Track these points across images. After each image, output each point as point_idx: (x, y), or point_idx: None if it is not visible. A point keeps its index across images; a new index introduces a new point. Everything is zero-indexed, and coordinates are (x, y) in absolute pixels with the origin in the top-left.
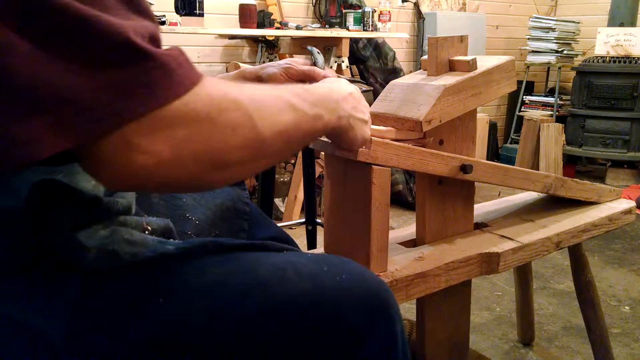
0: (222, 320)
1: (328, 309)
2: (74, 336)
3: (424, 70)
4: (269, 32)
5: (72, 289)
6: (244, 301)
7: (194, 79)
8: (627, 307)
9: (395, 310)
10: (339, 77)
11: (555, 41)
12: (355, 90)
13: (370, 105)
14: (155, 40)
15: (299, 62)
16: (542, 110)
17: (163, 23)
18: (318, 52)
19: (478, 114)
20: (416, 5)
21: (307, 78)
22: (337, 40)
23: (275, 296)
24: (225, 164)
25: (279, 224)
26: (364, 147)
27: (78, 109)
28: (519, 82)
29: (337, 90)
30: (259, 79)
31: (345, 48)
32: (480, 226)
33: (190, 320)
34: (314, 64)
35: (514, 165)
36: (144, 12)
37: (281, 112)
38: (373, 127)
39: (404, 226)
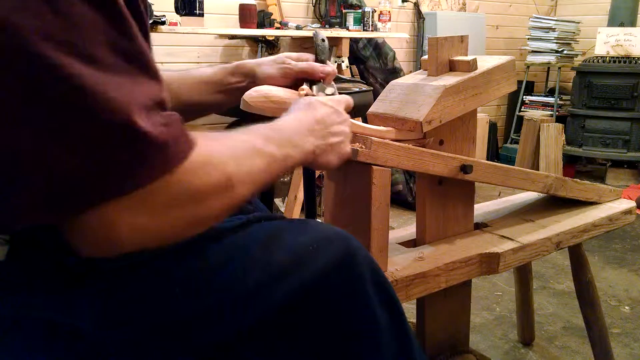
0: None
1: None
2: (104, 328)
3: (424, 70)
4: (269, 32)
5: (99, 287)
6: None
7: (185, 153)
8: (627, 307)
9: (359, 256)
10: (322, 71)
11: (555, 41)
12: (326, 113)
13: (370, 105)
14: (160, 104)
15: (292, 56)
16: (542, 110)
17: (163, 23)
18: (323, 40)
19: (478, 114)
20: (416, 5)
21: (304, 75)
22: (337, 40)
23: (266, 271)
24: (203, 225)
25: None
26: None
27: (64, 186)
28: (519, 82)
29: (305, 121)
30: (254, 76)
31: (345, 48)
32: (480, 226)
33: (205, 302)
34: (317, 52)
35: (514, 165)
36: (151, 72)
37: (254, 163)
38: (373, 127)
39: (404, 226)
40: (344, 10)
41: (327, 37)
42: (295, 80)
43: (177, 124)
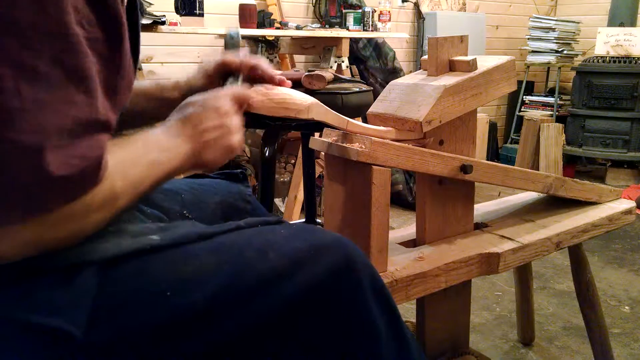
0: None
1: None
2: (93, 329)
3: (424, 70)
4: (269, 32)
5: (88, 285)
6: (243, 278)
7: (89, 185)
8: (627, 307)
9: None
10: (236, 62)
11: (555, 41)
12: (193, 112)
13: (370, 105)
14: (90, 126)
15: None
16: (542, 110)
17: (163, 23)
18: (232, 37)
19: (478, 114)
20: (416, 5)
21: (223, 70)
22: (337, 40)
23: (262, 276)
24: (84, 234)
25: None
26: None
27: None
28: (519, 82)
29: (174, 126)
30: (188, 89)
31: (345, 48)
32: (480, 226)
33: (196, 305)
34: (227, 47)
35: (514, 165)
36: (90, 88)
37: (141, 173)
38: (373, 127)
39: (404, 226)
40: (344, 10)
41: (327, 37)
42: (219, 75)
43: (95, 154)
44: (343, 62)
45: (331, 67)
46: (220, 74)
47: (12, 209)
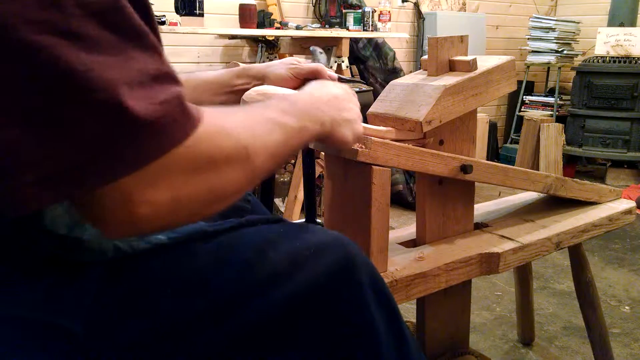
0: (222, 302)
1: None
2: (95, 328)
3: (424, 70)
4: (269, 32)
5: (90, 284)
6: (243, 278)
7: (189, 128)
8: (627, 307)
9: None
10: (330, 76)
11: (555, 41)
12: (339, 91)
13: (370, 105)
14: (159, 78)
15: (302, 60)
16: (542, 110)
17: (163, 23)
18: (321, 52)
19: (478, 114)
20: (416, 5)
21: (313, 76)
22: (337, 40)
23: (262, 275)
24: (224, 198)
25: None
26: (358, 144)
27: (61, 168)
28: (519, 82)
29: (318, 96)
30: (264, 78)
31: (345, 48)
32: (480, 226)
33: (198, 305)
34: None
35: (514, 165)
36: (145, 44)
37: (271, 134)
38: (373, 127)
39: (404, 226)
40: (344, 10)
41: (327, 37)
42: (304, 82)
43: (176, 99)
44: (343, 62)
45: (331, 67)
46: (307, 80)
47: (116, 163)
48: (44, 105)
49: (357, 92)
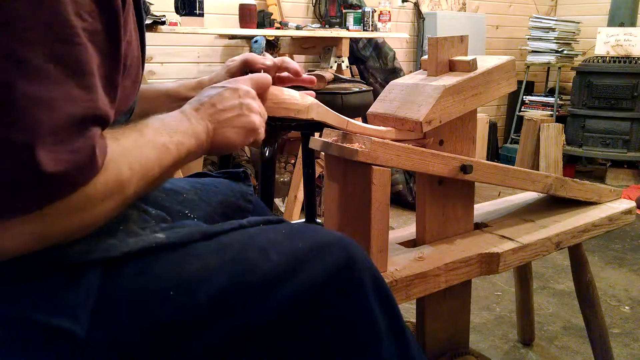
0: (223, 302)
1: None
2: (96, 327)
3: (424, 70)
4: (269, 32)
5: (91, 284)
6: (245, 278)
7: (90, 177)
8: (627, 307)
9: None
10: (262, 63)
11: (555, 41)
12: (214, 92)
13: (370, 105)
14: (84, 123)
15: (237, 58)
16: (542, 110)
17: (163, 23)
18: (255, 41)
19: (478, 114)
20: (416, 5)
21: (246, 68)
22: (337, 40)
23: (264, 275)
24: (92, 227)
25: None
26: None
27: None
28: (519, 82)
29: (188, 108)
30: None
31: (345, 48)
32: (480, 226)
33: (199, 305)
34: (252, 51)
35: (514, 165)
36: (88, 83)
37: (147, 157)
38: (373, 127)
39: (404, 226)
40: (344, 10)
41: (327, 37)
42: (242, 73)
43: (87, 147)
44: (343, 62)
45: (331, 67)
46: (244, 72)
47: (6, 205)
48: None
49: (357, 92)
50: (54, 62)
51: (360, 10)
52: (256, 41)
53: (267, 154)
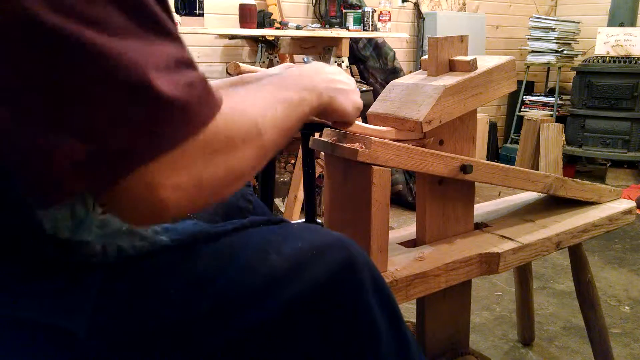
0: (224, 303)
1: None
2: (97, 329)
3: (424, 70)
4: (269, 32)
5: (92, 286)
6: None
7: (213, 110)
8: (627, 307)
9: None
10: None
11: (555, 41)
12: (328, 66)
13: (370, 105)
14: (181, 64)
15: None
16: (542, 110)
17: None
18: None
19: (478, 114)
20: (416, 5)
21: None
22: (337, 40)
23: (264, 277)
24: (241, 176)
25: None
26: (358, 118)
27: (95, 153)
28: (519, 82)
29: (308, 70)
30: None
31: (345, 48)
32: (480, 226)
33: (200, 307)
34: None
35: (514, 165)
36: (166, 33)
37: (275, 109)
38: (373, 127)
39: (404, 226)
40: (344, 10)
41: (327, 37)
42: None
43: (201, 83)
44: (343, 62)
45: None
46: None
47: (145, 145)
48: (75, 90)
49: None
50: (131, 17)
51: (360, 10)
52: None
53: None
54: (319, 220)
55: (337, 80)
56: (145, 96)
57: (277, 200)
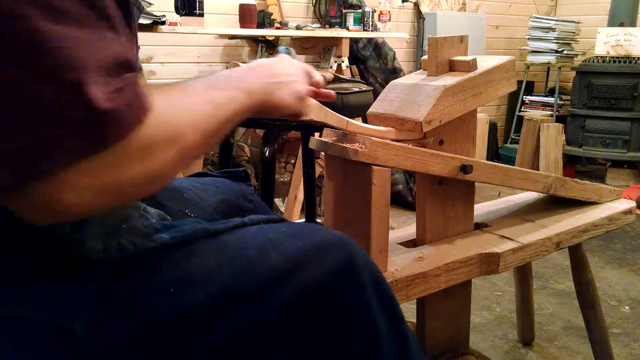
0: (224, 302)
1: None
2: (97, 327)
3: (424, 70)
4: (269, 32)
5: (92, 284)
6: (245, 278)
7: (138, 117)
8: (627, 307)
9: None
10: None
11: (555, 41)
12: (269, 60)
13: (370, 105)
14: (123, 64)
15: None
16: (542, 110)
17: (163, 23)
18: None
19: (478, 114)
20: (416, 5)
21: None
22: (337, 40)
23: (264, 275)
24: (156, 180)
25: None
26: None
27: (20, 148)
28: (519, 82)
29: (243, 69)
30: None
31: (345, 48)
32: (480, 226)
33: (200, 305)
34: None
35: (514, 165)
36: (118, 28)
37: (200, 109)
38: (373, 127)
39: (404, 226)
40: (344, 10)
41: (327, 37)
42: None
43: (132, 87)
44: (343, 62)
45: (331, 67)
46: None
47: (63, 152)
48: (13, 79)
49: (357, 92)
50: (87, 7)
51: (360, 10)
52: (289, 52)
53: (267, 154)
54: (319, 220)
55: (275, 74)
56: (77, 99)
57: (277, 200)
